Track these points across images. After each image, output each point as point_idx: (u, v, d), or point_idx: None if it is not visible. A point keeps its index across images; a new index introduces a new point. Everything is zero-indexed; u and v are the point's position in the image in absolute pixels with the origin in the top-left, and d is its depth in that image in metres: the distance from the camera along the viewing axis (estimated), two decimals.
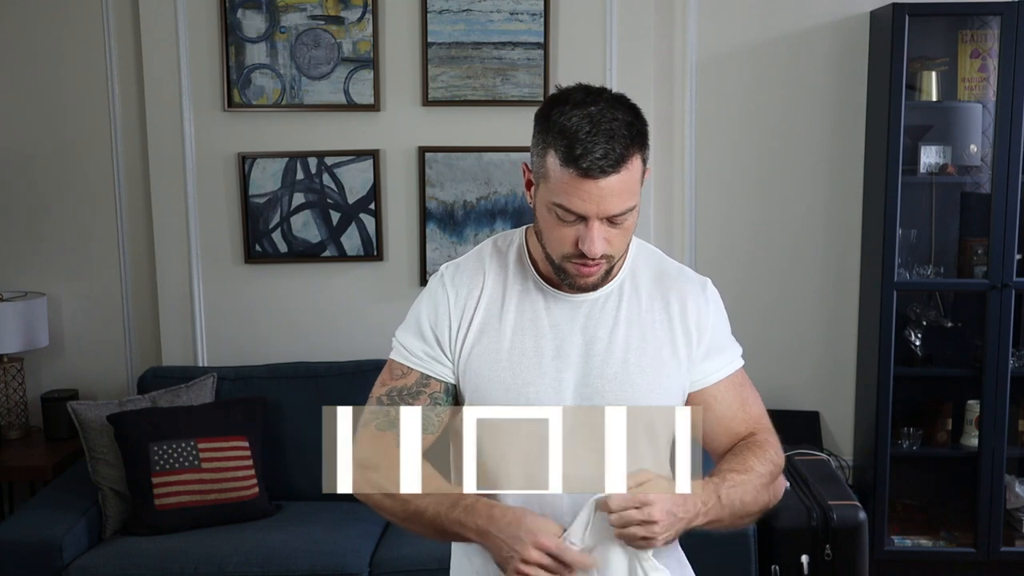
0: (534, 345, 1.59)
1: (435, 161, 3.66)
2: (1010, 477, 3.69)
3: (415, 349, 1.64)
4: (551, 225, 1.52)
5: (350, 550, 3.08)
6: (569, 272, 1.55)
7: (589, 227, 1.48)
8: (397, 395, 1.63)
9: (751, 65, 3.79)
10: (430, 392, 1.62)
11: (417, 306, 1.67)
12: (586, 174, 1.44)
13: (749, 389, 1.70)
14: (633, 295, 1.63)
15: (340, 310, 3.75)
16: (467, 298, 1.63)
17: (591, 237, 1.48)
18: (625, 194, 1.47)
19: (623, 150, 1.45)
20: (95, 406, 3.32)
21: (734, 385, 1.67)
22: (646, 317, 1.62)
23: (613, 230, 1.50)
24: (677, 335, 1.62)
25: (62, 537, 3.01)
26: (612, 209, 1.47)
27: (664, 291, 1.64)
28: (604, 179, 1.44)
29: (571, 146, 1.44)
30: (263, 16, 3.60)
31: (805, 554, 3.06)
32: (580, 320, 1.60)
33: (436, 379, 1.63)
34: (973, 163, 3.64)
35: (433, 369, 1.62)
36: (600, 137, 1.44)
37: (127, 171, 3.79)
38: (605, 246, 1.50)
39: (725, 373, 1.67)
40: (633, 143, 1.47)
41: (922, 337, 3.72)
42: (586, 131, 1.44)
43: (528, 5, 3.58)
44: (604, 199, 1.46)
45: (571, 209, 1.47)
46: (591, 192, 1.45)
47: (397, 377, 1.64)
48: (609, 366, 1.58)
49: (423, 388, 1.61)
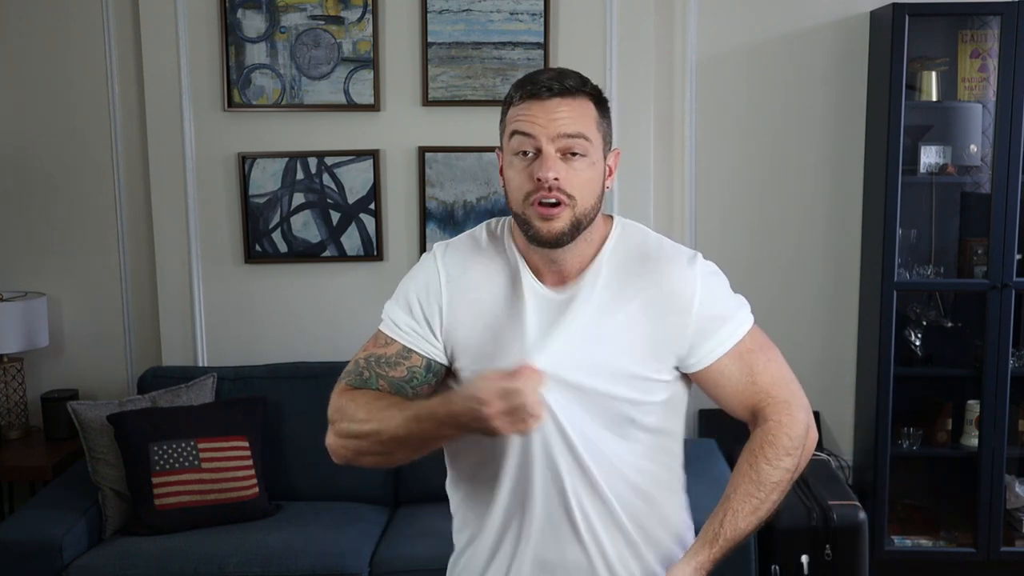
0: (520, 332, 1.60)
1: (435, 161, 3.66)
2: (1010, 477, 3.69)
3: (401, 323, 1.65)
4: (511, 173, 1.57)
5: (350, 550, 3.08)
6: (531, 220, 1.55)
7: (543, 154, 1.53)
8: (375, 361, 1.63)
9: (751, 65, 3.79)
10: (409, 365, 1.62)
11: (407, 281, 1.68)
12: (534, 94, 1.54)
13: (759, 354, 1.66)
14: (614, 281, 1.61)
15: (340, 310, 3.75)
16: (459, 279, 1.64)
17: (545, 162, 1.52)
18: (575, 118, 1.53)
19: (572, 83, 1.55)
20: (95, 406, 3.32)
21: (740, 355, 1.63)
22: (624, 305, 1.60)
23: (569, 165, 1.53)
24: (660, 319, 1.60)
25: (62, 537, 3.01)
26: (561, 127, 1.52)
27: (647, 274, 1.62)
28: (551, 99, 1.53)
29: (522, 82, 1.57)
30: (263, 16, 3.60)
31: (805, 554, 3.06)
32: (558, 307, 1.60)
33: (418, 354, 1.63)
34: (973, 163, 3.64)
35: (417, 344, 1.63)
36: (552, 72, 1.57)
37: (127, 171, 3.79)
38: (562, 179, 1.52)
39: (727, 347, 1.63)
40: (584, 85, 1.56)
41: (922, 337, 3.72)
42: (537, 72, 1.59)
43: (528, 5, 3.58)
44: (553, 120, 1.52)
45: (523, 130, 1.53)
46: (538, 113, 1.53)
47: (380, 345, 1.65)
48: (580, 354, 1.58)
49: (402, 360, 1.62)
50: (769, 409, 1.63)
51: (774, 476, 1.58)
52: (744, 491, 1.58)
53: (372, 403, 1.56)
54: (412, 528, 3.23)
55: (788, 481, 1.61)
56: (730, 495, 1.59)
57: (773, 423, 1.61)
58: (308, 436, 3.40)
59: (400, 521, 3.33)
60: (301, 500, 3.42)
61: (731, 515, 1.57)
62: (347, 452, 1.57)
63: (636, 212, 3.65)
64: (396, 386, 1.61)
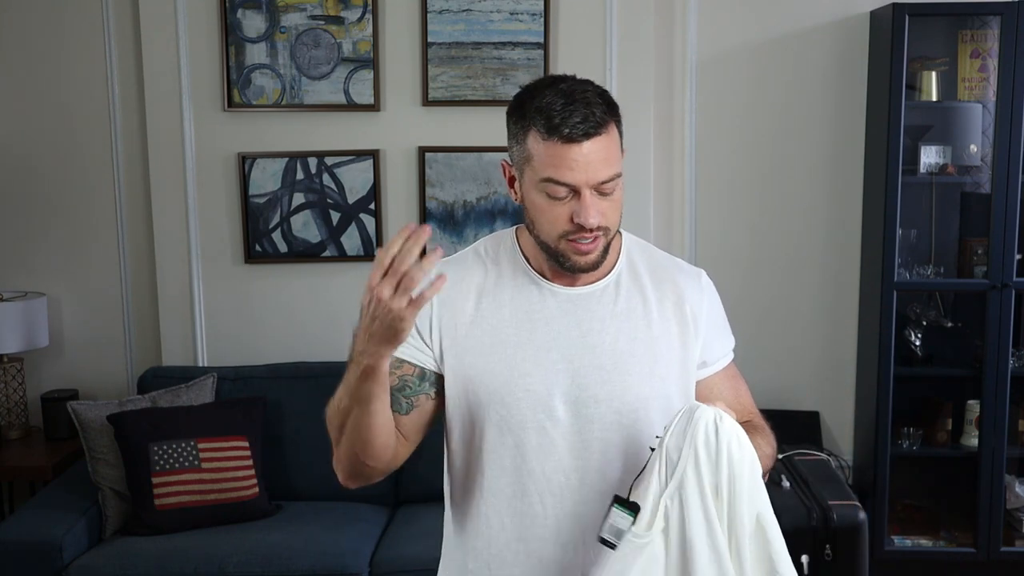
0: (529, 337, 1.59)
1: (435, 161, 3.66)
2: (1010, 477, 3.69)
3: None
4: (543, 207, 1.53)
5: (350, 550, 3.08)
6: (567, 254, 1.55)
7: (582, 198, 1.50)
8: None
9: (751, 65, 3.79)
10: (400, 374, 1.61)
11: None
12: (570, 139, 1.48)
13: (741, 381, 1.73)
14: (632, 286, 1.63)
15: (340, 310, 3.74)
16: (450, 293, 1.62)
17: (585, 207, 1.50)
18: (609, 159, 1.51)
19: (601, 115, 1.50)
20: (95, 406, 3.32)
21: (728, 376, 1.70)
22: (643, 309, 1.62)
23: (604, 202, 1.52)
24: (675, 325, 1.62)
25: (62, 537, 3.01)
26: (599, 175, 1.50)
27: (659, 282, 1.65)
28: (587, 142, 1.48)
29: (550, 118, 1.48)
30: (263, 16, 3.60)
31: (805, 554, 3.06)
32: (575, 312, 1.60)
33: (410, 363, 1.62)
34: (973, 163, 3.64)
35: (409, 354, 1.62)
36: (577, 105, 1.48)
37: (127, 171, 3.79)
38: (600, 217, 1.51)
39: (721, 365, 1.69)
40: (609, 110, 1.52)
41: (922, 337, 3.72)
42: (562, 103, 1.48)
43: (528, 5, 3.58)
44: (591, 165, 1.49)
45: (560, 180, 1.50)
46: (577, 159, 1.48)
47: None
48: (603, 357, 1.58)
49: (394, 369, 1.60)
50: (755, 420, 1.68)
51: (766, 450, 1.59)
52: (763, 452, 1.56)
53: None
54: (412, 528, 3.23)
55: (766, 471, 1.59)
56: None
57: (759, 423, 1.68)
58: (308, 436, 3.41)
59: (400, 521, 3.33)
60: (301, 500, 3.42)
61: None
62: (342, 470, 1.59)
63: (636, 212, 3.65)
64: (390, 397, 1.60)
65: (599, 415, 1.57)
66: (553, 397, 1.57)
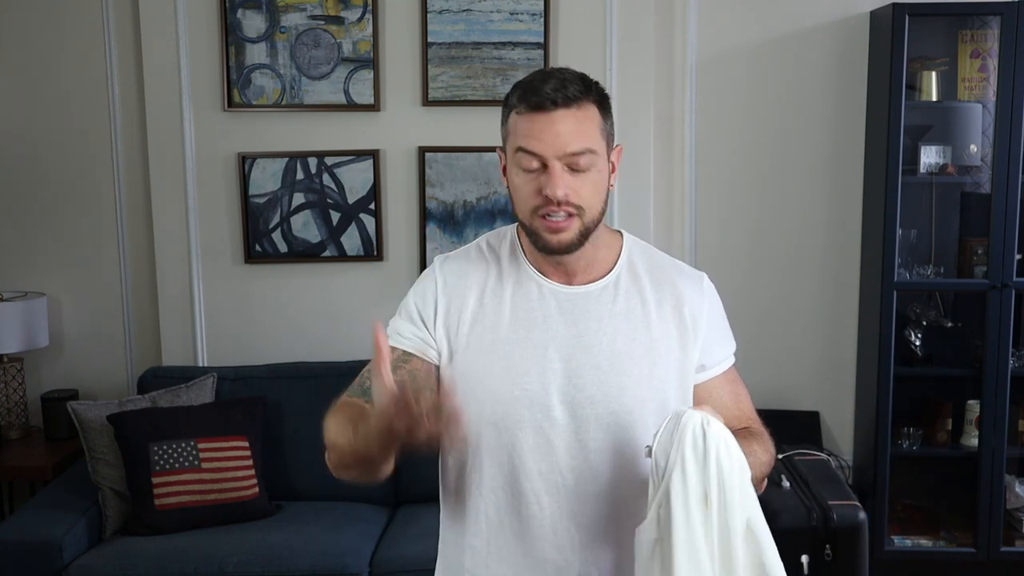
0: (527, 336, 1.59)
1: (435, 161, 3.66)
2: (1010, 477, 3.69)
3: (404, 331, 1.64)
4: (518, 184, 1.55)
5: (350, 550, 3.08)
6: (540, 231, 1.55)
7: (550, 169, 1.51)
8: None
9: (751, 65, 3.79)
10: (409, 368, 1.61)
11: (408, 294, 1.70)
12: (538, 107, 1.50)
13: (741, 386, 1.71)
14: (631, 287, 1.63)
15: (340, 310, 3.74)
16: (455, 285, 1.63)
17: (552, 178, 1.50)
18: (580, 133, 1.51)
19: (575, 91, 1.51)
20: (95, 406, 3.32)
21: (728, 381, 1.68)
22: (642, 310, 1.61)
23: (577, 179, 1.52)
24: (674, 328, 1.62)
25: (62, 537, 3.01)
26: (568, 146, 1.50)
27: (659, 284, 1.64)
28: (556, 111, 1.50)
29: (525, 92, 1.53)
30: (263, 16, 3.60)
31: (805, 554, 3.06)
32: (573, 311, 1.60)
33: (416, 357, 1.62)
34: (973, 163, 3.64)
35: (416, 347, 1.62)
36: (551, 79, 1.52)
37: (127, 171, 3.79)
38: (569, 192, 1.51)
39: (721, 369, 1.67)
40: (587, 90, 1.53)
41: (922, 337, 3.72)
42: (539, 78, 1.53)
43: (528, 5, 3.58)
44: (559, 136, 1.50)
45: (528, 148, 1.51)
46: (545, 128, 1.50)
47: None
48: (599, 357, 1.58)
49: (401, 364, 1.60)
50: (753, 427, 1.66)
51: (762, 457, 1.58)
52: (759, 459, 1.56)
53: (339, 417, 1.54)
54: (412, 528, 3.23)
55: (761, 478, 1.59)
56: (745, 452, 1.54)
57: (757, 429, 1.66)
58: (308, 436, 3.41)
59: (400, 521, 3.33)
60: (301, 500, 3.42)
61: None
62: (333, 468, 1.57)
63: (636, 212, 3.65)
64: None
65: (595, 416, 1.56)
66: (550, 397, 1.56)
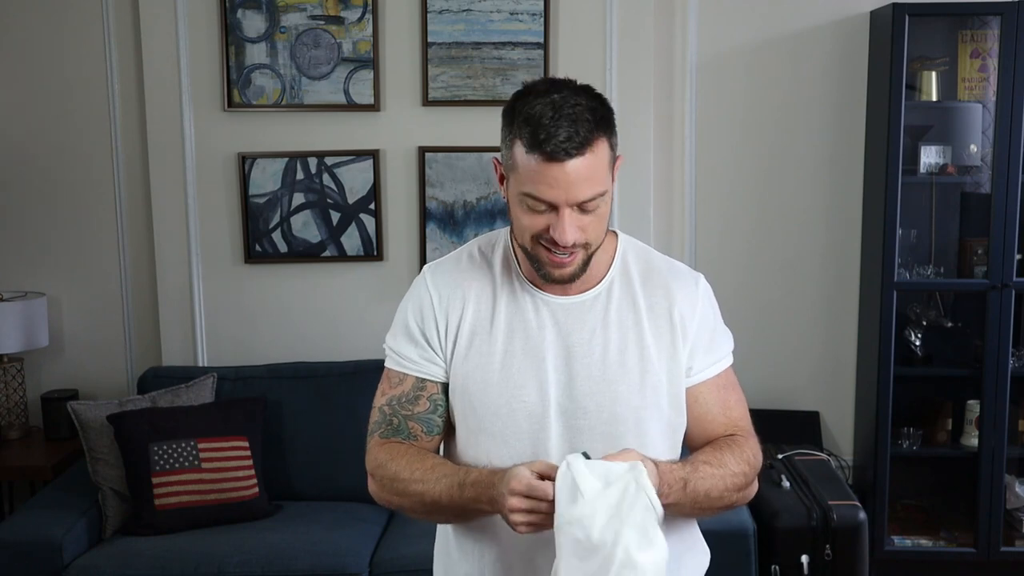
0: (523, 348, 1.58)
1: (435, 161, 3.66)
2: (1010, 477, 3.69)
3: (407, 353, 1.63)
4: (522, 215, 1.51)
5: (350, 550, 3.08)
6: (543, 262, 1.53)
7: (560, 215, 1.47)
8: (397, 403, 1.63)
9: (751, 65, 3.79)
10: (428, 395, 1.62)
11: (402, 310, 1.68)
12: (551, 158, 1.44)
13: (733, 391, 1.67)
14: (623, 296, 1.62)
15: (340, 310, 3.74)
16: (450, 299, 1.63)
17: (562, 226, 1.47)
18: (593, 179, 1.46)
19: (587, 133, 1.45)
20: (95, 406, 3.32)
21: (718, 387, 1.65)
22: (634, 318, 1.60)
23: (585, 218, 1.49)
24: (666, 333, 1.60)
25: (62, 537, 3.01)
26: (580, 195, 1.46)
27: (652, 288, 1.62)
28: (570, 162, 1.44)
29: (535, 132, 1.44)
30: (263, 16, 3.60)
31: (805, 554, 3.06)
32: (567, 322, 1.59)
33: (432, 381, 1.62)
34: (973, 163, 3.64)
35: (428, 371, 1.62)
36: (563, 121, 1.44)
37: (127, 171, 3.79)
38: (578, 234, 1.48)
39: (710, 374, 1.64)
40: (598, 127, 1.47)
41: (922, 337, 3.72)
42: (549, 116, 1.44)
43: (528, 5, 3.58)
44: (572, 185, 1.45)
45: (540, 197, 1.47)
46: (558, 177, 1.45)
47: (395, 385, 1.64)
48: (592, 368, 1.57)
49: (420, 392, 1.61)
50: (738, 435, 1.64)
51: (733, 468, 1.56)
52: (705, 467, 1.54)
53: (415, 463, 1.55)
54: (412, 528, 3.23)
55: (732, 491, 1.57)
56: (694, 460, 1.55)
57: (740, 438, 1.63)
58: (308, 436, 3.41)
59: (400, 521, 3.33)
60: (301, 500, 3.42)
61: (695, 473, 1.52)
62: (391, 505, 1.60)
63: (636, 213, 3.65)
64: (425, 421, 1.61)
65: (588, 427, 1.56)
66: (547, 408, 1.56)
